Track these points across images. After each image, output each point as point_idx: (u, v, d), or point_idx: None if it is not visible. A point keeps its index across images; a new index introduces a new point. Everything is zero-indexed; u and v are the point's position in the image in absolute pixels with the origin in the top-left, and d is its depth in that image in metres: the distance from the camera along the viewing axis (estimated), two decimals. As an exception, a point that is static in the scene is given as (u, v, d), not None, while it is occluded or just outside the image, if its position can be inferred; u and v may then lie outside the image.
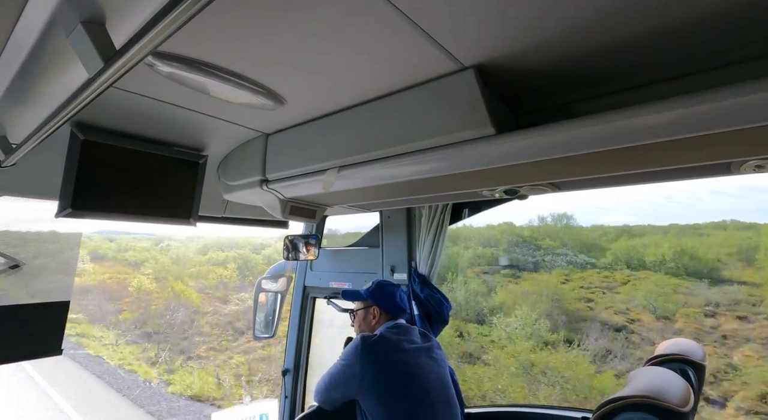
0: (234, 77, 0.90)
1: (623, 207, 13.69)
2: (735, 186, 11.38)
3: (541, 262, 9.65)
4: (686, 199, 11.73)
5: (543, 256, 9.80)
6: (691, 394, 0.87)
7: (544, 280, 9.15)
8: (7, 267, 1.62)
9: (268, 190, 1.41)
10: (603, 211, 14.35)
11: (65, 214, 1.13)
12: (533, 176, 1.09)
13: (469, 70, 0.85)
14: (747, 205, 11.46)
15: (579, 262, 9.40)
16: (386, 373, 1.47)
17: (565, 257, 9.49)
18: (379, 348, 1.52)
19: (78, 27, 0.48)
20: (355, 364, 1.48)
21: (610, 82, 0.88)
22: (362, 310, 1.73)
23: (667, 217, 10.88)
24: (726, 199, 11.63)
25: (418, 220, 2.06)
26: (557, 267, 9.42)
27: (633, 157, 0.86)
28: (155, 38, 0.40)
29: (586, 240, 10.04)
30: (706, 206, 11.11)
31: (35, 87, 0.73)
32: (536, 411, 1.80)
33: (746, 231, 8.74)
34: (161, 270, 15.74)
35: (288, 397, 2.46)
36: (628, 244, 9.50)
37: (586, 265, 9.35)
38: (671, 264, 8.59)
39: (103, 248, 18.29)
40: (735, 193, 11.50)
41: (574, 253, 9.56)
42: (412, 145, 0.97)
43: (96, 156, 1.16)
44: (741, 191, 11.29)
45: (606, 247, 9.68)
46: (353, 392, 1.48)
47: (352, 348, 1.54)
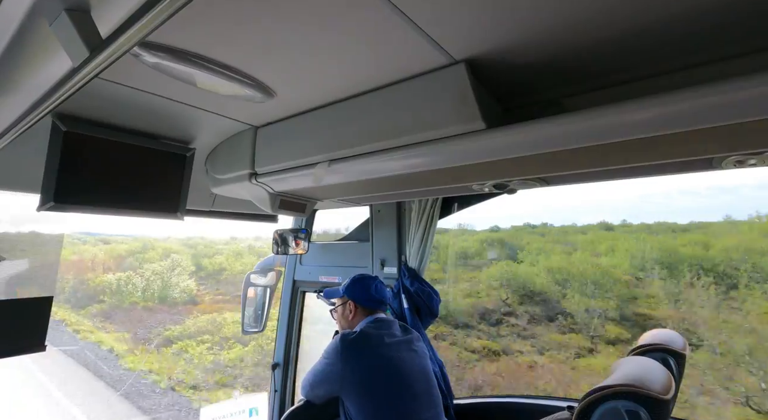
0: (222, 69, 0.89)
1: (601, 206, 14.36)
2: (703, 186, 12.23)
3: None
4: (661, 199, 12.35)
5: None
6: (672, 382, 0.90)
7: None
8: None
9: (258, 184, 1.39)
10: (583, 211, 15.02)
11: (47, 207, 1.10)
12: (522, 171, 1.10)
13: (459, 64, 0.85)
14: (713, 204, 12.24)
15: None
16: (368, 370, 1.48)
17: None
18: (359, 345, 1.53)
19: (62, 14, 0.47)
20: (336, 363, 1.50)
21: (599, 77, 0.89)
22: (340, 307, 1.74)
23: (641, 216, 11.54)
24: (695, 198, 12.19)
25: (408, 214, 2.07)
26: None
27: (620, 152, 0.88)
28: (144, 28, 0.39)
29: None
30: (678, 205, 11.66)
31: (16, 77, 0.71)
32: (523, 401, 1.84)
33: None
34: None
35: (278, 390, 2.47)
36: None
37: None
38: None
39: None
40: (704, 192, 12.02)
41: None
42: (402, 139, 0.97)
43: (79, 148, 1.13)
44: (709, 191, 11.81)
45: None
46: (336, 390, 1.50)
47: (332, 347, 1.55)
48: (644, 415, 0.80)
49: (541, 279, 8.66)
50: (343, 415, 1.51)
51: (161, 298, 13.50)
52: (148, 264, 14.81)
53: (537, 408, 1.76)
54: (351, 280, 1.73)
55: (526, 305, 8.46)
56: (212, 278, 14.98)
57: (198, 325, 11.59)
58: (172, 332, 11.45)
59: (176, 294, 13.70)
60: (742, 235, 8.01)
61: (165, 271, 14.12)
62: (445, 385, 1.90)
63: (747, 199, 11.17)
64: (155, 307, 13.26)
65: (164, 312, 12.97)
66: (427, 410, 1.52)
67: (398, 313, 2.00)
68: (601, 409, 0.85)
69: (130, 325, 12.26)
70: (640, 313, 7.53)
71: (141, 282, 13.78)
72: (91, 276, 14.78)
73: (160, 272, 14.10)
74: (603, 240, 9.41)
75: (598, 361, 6.90)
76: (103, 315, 13.05)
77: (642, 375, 0.90)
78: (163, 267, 14.32)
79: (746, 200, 11.19)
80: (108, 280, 14.12)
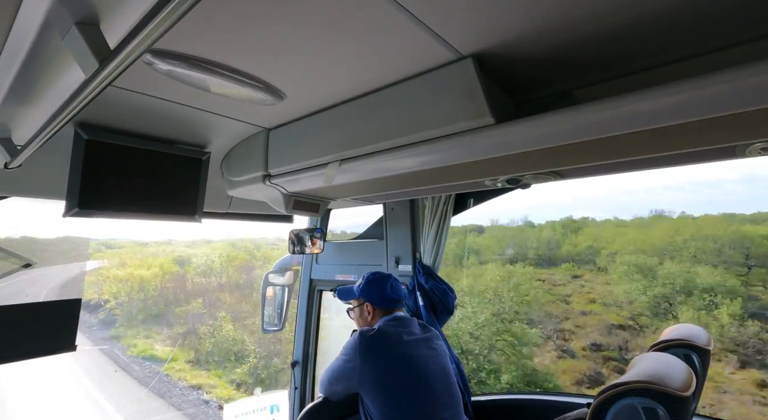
0: (232, 73, 0.91)
1: (587, 203, 14.48)
2: (687, 182, 12.32)
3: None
4: (645, 194, 12.17)
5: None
6: (693, 379, 0.87)
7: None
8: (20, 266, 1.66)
9: (271, 185, 1.41)
10: (569, 208, 15.07)
11: (72, 213, 1.15)
12: (535, 165, 1.08)
13: (467, 60, 0.84)
14: (697, 199, 12.50)
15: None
16: (386, 367, 1.48)
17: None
18: (377, 342, 1.53)
19: (72, 28, 0.49)
20: (354, 359, 1.50)
21: (612, 66, 0.87)
22: (357, 308, 1.74)
23: (627, 211, 11.72)
24: (678, 194, 12.61)
25: (421, 211, 2.07)
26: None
27: (637, 143, 0.85)
28: (149, 37, 0.41)
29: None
30: (664, 200, 11.84)
31: (36, 88, 0.74)
32: (541, 398, 1.81)
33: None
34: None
35: (298, 388, 2.50)
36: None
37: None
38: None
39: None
40: (688, 188, 12.47)
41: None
42: (411, 137, 0.97)
43: (100, 155, 1.18)
44: (692, 186, 12.24)
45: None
46: (354, 386, 1.50)
47: (351, 343, 1.55)
48: (662, 412, 0.78)
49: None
50: (362, 411, 1.52)
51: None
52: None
53: (556, 405, 1.73)
54: (365, 280, 1.71)
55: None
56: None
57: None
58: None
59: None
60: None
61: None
62: (462, 382, 1.90)
63: (728, 193, 11.68)
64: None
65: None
66: (446, 409, 1.51)
67: (414, 311, 2.00)
68: (616, 407, 0.83)
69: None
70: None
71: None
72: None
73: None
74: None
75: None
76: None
77: (660, 371, 0.87)
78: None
79: (727, 194, 11.63)
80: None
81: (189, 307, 14.29)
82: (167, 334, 13.48)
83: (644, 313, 9.29)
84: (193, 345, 12.47)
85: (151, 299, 14.76)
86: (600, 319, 9.60)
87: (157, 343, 13.06)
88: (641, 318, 9.29)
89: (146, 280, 15.26)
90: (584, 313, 9.92)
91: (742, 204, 9.60)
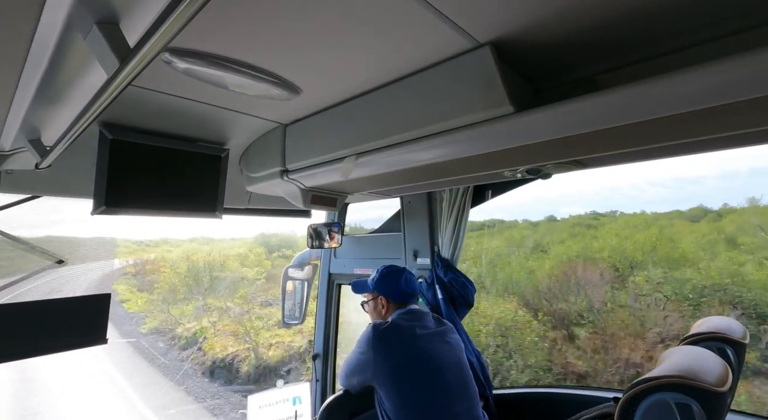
0: (248, 69, 0.91)
1: (574, 199, 14.44)
2: (670, 177, 12.43)
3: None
4: (629, 190, 12.70)
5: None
6: (729, 373, 0.84)
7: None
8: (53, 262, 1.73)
9: (289, 181, 1.43)
10: (556, 204, 15.05)
11: (100, 211, 1.19)
12: (556, 154, 1.05)
13: (484, 48, 0.82)
14: (680, 195, 12.58)
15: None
16: (399, 360, 1.48)
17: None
18: (390, 335, 1.53)
19: (93, 28, 0.49)
20: (368, 352, 1.51)
21: (636, 50, 0.83)
22: (371, 301, 1.74)
23: (612, 207, 11.77)
24: (662, 190, 12.61)
25: (439, 204, 2.05)
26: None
27: (665, 129, 0.82)
28: (166, 34, 0.41)
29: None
30: (648, 197, 12.05)
31: (61, 90, 0.76)
32: (566, 392, 1.79)
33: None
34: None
35: (319, 380, 2.54)
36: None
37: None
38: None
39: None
40: (671, 184, 12.42)
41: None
42: (428, 129, 0.95)
43: (125, 154, 1.21)
44: (676, 183, 12.36)
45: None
46: (368, 379, 1.51)
47: (364, 336, 1.56)
48: (696, 408, 0.75)
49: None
50: (377, 404, 1.53)
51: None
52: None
53: (581, 399, 1.70)
54: (379, 274, 1.72)
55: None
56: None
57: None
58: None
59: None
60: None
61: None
62: (483, 375, 1.88)
63: (710, 189, 11.57)
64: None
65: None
66: (461, 403, 1.51)
67: (433, 304, 1.99)
68: (647, 402, 0.81)
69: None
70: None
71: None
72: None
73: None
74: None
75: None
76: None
77: (694, 366, 0.84)
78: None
79: (709, 190, 11.52)
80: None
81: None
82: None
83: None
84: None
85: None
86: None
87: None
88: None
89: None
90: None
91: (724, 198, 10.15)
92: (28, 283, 1.62)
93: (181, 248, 19.41)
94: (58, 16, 0.52)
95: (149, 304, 14.63)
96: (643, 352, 6.09)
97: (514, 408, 1.89)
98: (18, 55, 0.64)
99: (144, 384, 9.54)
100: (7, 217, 1.51)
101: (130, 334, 12.99)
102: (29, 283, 1.63)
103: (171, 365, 10.90)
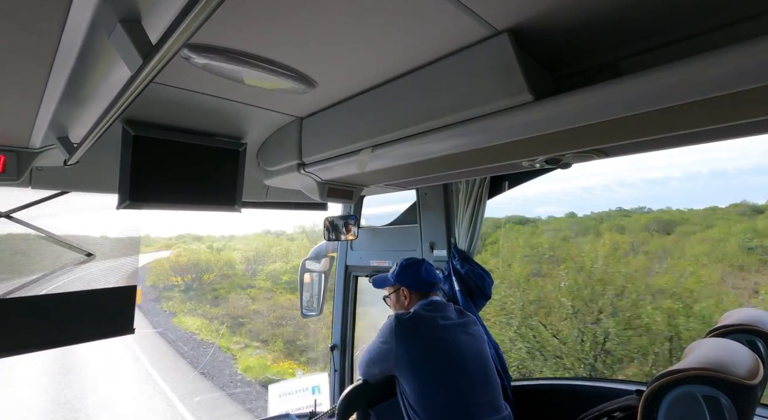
0: (264, 63, 0.92)
1: (549, 199, 14.41)
2: (639, 179, 13.00)
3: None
4: (601, 191, 13.24)
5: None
6: (760, 366, 0.81)
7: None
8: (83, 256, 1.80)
9: (306, 174, 1.44)
10: (531, 204, 15.02)
11: (125, 205, 1.22)
12: (577, 143, 1.03)
13: (502, 35, 0.80)
14: (648, 195, 13.29)
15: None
16: (421, 350, 1.49)
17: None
18: (412, 325, 1.54)
19: (117, 26, 0.51)
20: (390, 341, 1.52)
21: (660, 33, 0.80)
22: (393, 294, 1.75)
23: (584, 207, 11.71)
24: (632, 190, 13.38)
25: (455, 195, 2.03)
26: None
27: (694, 114, 0.78)
28: (187, 30, 0.42)
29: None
30: (619, 197, 12.39)
31: (86, 88, 0.78)
32: (586, 384, 1.77)
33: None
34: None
35: (337, 370, 2.58)
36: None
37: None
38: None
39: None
40: (640, 185, 13.10)
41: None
42: (445, 119, 0.94)
43: (147, 150, 1.24)
44: (644, 183, 13.09)
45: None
46: (390, 368, 1.52)
47: (387, 326, 1.57)
48: (725, 401, 0.73)
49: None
50: (399, 394, 1.55)
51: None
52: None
53: (601, 391, 1.68)
54: (399, 266, 1.73)
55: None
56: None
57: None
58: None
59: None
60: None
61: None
62: (501, 367, 1.88)
63: (675, 190, 12.75)
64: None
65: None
66: (484, 394, 1.51)
67: (450, 296, 1.99)
68: (673, 394, 0.79)
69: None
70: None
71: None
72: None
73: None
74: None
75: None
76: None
77: (722, 358, 0.81)
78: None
79: (674, 191, 12.73)
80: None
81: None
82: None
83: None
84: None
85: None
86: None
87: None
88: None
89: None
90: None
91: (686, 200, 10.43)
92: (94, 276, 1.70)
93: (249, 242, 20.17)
94: (84, 16, 0.53)
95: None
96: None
97: (533, 399, 1.88)
98: (46, 56, 0.66)
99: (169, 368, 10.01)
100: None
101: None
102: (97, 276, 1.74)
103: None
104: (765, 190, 12.61)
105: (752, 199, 8.30)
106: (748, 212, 8.58)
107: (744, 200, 9.09)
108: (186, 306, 14.62)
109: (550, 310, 6.85)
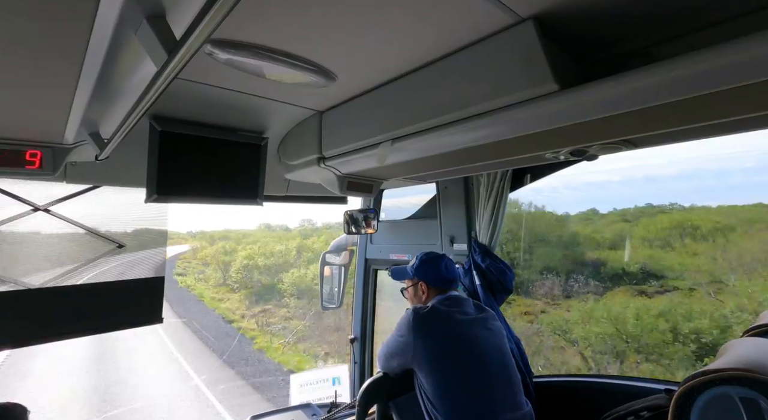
0: (284, 57, 0.92)
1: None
2: (580, 181, 14.10)
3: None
4: (550, 192, 14.21)
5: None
6: None
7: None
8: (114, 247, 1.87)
9: (326, 167, 1.44)
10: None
11: (153, 199, 1.26)
12: (604, 133, 0.99)
13: (527, 23, 0.78)
14: (586, 197, 14.40)
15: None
16: (438, 345, 1.48)
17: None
18: (430, 320, 1.53)
19: (143, 22, 0.52)
20: (407, 335, 1.52)
21: (695, 16, 0.75)
22: (411, 288, 1.75)
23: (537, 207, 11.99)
24: (576, 193, 14.52)
25: (476, 188, 2.01)
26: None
27: (724, 104, 0.74)
28: (210, 24, 0.42)
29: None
30: (565, 198, 13.64)
31: (115, 84, 0.81)
32: (610, 381, 1.73)
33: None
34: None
35: (357, 362, 2.61)
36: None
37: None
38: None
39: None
40: (583, 188, 14.34)
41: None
42: (467, 110, 0.92)
43: (173, 145, 1.27)
44: (586, 186, 14.32)
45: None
46: (408, 361, 1.52)
47: (404, 320, 1.57)
48: (765, 404, 0.70)
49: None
50: (417, 387, 1.55)
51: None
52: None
53: (626, 389, 1.64)
54: (419, 260, 1.72)
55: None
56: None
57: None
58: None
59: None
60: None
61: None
62: (523, 362, 1.86)
63: (613, 192, 14.31)
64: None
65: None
66: (503, 389, 1.49)
67: (470, 291, 1.97)
68: (707, 395, 0.76)
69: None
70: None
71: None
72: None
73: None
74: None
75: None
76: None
77: (761, 358, 0.78)
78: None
79: (612, 193, 14.02)
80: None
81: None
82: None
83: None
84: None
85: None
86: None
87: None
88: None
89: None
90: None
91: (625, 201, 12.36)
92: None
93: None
94: (112, 13, 0.55)
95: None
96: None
97: (554, 395, 1.85)
98: (77, 54, 0.68)
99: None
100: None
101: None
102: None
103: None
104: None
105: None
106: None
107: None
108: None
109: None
